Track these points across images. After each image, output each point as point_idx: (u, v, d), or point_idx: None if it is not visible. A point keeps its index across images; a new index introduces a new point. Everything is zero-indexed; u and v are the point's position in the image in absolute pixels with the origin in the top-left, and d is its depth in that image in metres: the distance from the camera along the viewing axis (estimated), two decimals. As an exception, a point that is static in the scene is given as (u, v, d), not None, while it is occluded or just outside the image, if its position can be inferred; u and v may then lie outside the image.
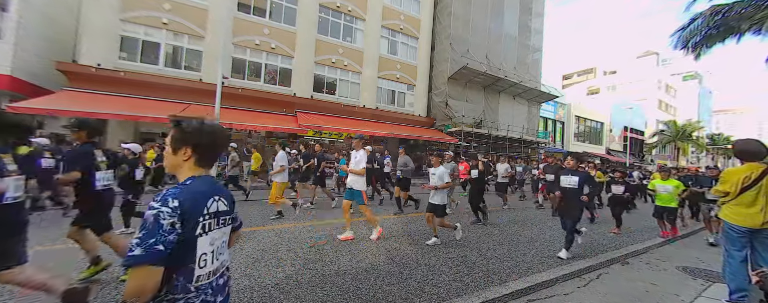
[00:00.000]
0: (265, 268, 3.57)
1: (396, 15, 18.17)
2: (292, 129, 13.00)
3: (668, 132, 36.73)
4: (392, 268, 3.79)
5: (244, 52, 13.97)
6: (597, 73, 53.76)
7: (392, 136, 15.95)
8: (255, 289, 3.05)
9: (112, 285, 3.02)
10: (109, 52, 11.22)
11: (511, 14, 21.00)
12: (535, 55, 22.84)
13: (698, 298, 3.39)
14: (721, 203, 3.27)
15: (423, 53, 19.34)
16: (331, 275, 3.47)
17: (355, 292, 3.09)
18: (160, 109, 10.80)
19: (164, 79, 11.91)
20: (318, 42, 15.58)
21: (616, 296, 3.32)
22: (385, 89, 18.20)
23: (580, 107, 30.84)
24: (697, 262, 4.63)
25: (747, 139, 3.17)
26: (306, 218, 6.31)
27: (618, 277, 3.92)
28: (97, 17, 11.00)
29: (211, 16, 12.86)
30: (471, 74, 17.87)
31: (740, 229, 2.99)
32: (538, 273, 3.81)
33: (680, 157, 39.68)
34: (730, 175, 3.09)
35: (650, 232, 6.59)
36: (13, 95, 9.79)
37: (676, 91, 49.28)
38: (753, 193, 2.93)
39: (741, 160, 3.12)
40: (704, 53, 10.56)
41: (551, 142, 26.57)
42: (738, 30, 9.57)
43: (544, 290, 3.38)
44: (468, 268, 3.92)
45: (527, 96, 21.88)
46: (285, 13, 14.84)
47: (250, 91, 13.58)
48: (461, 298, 3.02)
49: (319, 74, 15.93)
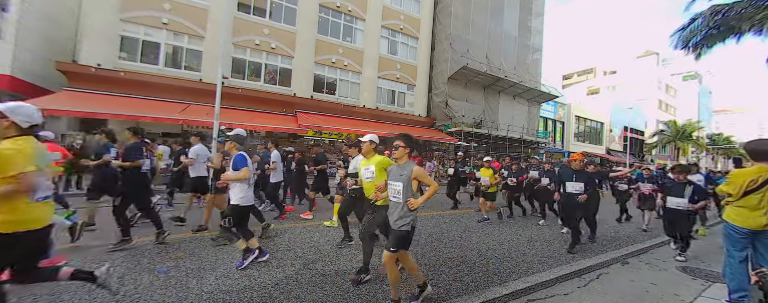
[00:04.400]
0: (265, 268, 3.57)
1: (396, 15, 18.17)
2: (292, 129, 13.00)
3: (668, 132, 36.70)
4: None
5: (244, 52, 13.97)
6: (597, 73, 53.75)
7: (392, 136, 15.91)
8: (255, 289, 3.05)
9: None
10: (109, 52, 11.22)
11: (511, 14, 21.00)
12: (535, 55, 22.84)
13: (698, 298, 3.38)
14: (724, 204, 3.26)
15: (423, 53, 19.34)
16: (331, 275, 3.47)
17: (355, 292, 3.09)
18: (160, 109, 10.81)
19: (164, 79, 11.91)
20: (318, 42, 15.58)
21: (616, 296, 3.31)
22: (385, 89, 18.20)
23: (580, 107, 30.85)
24: (697, 262, 4.63)
25: (761, 139, 3.15)
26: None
27: (618, 277, 3.92)
28: (97, 17, 11.00)
29: (211, 16, 12.86)
30: (471, 74, 17.87)
31: (743, 231, 2.98)
32: (538, 273, 3.80)
33: (680, 157, 39.65)
34: (736, 177, 3.06)
35: (650, 232, 6.60)
36: (13, 95, 9.78)
37: (676, 91, 49.29)
38: (758, 195, 2.90)
39: (753, 161, 3.08)
40: (704, 53, 10.53)
41: (551, 142, 26.57)
42: (738, 30, 9.54)
43: (544, 290, 3.37)
44: (468, 268, 3.91)
45: (527, 96, 21.87)
46: (285, 13, 14.84)
47: (250, 91, 13.58)
48: (461, 298, 3.02)
49: (319, 74, 15.93)
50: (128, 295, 2.81)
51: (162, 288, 2.97)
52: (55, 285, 2.88)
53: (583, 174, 4.93)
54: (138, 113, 10.05)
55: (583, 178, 4.84)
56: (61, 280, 2.31)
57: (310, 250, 4.29)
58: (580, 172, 4.94)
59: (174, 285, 3.05)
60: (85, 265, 3.36)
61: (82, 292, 2.82)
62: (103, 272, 2.45)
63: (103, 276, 2.44)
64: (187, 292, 2.91)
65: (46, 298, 2.66)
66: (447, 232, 5.69)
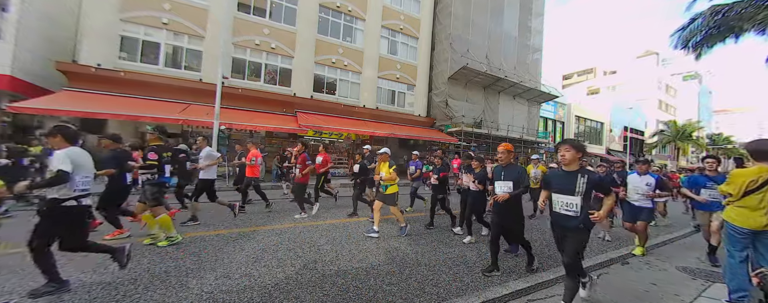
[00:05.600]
0: (265, 268, 3.57)
1: (396, 15, 18.17)
2: (292, 129, 13.00)
3: (668, 132, 36.69)
4: (392, 268, 3.79)
5: (244, 52, 13.97)
6: (597, 73, 53.73)
7: (392, 136, 15.95)
8: (255, 289, 3.05)
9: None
10: (109, 52, 11.22)
11: (511, 14, 21.00)
12: (535, 55, 22.83)
13: (698, 298, 3.38)
14: (725, 204, 3.26)
15: (423, 53, 19.34)
16: (331, 275, 3.47)
17: (355, 292, 3.09)
18: (160, 109, 10.80)
19: (164, 79, 11.91)
20: (318, 42, 15.58)
21: (616, 296, 3.31)
22: (385, 89, 18.19)
23: (580, 107, 30.84)
24: (697, 262, 4.63)
25: (762, 138, 3.15)
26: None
27: (618, 277, 3.92)
28: (97, 17, 11.00)
29: (211, 16, 12.86)
30: (471, 74, 17.86)
31: (743, 231, 2.98)
32: (538, 273, 3.81)
33: (680, 157, 39.65)
34: (737, 177, 3.06)
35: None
36: (13, 95, 9.79)
37: (676, 91, 49.27)
38: (759, 196, 2.90)
39: (754, 161, 3.07)
40: (704, 53, 10.52)
41: (551, 142, 26.56)
42: (739, 30, 9.54)
43: (544, 290, 3.38)
44: (468, 268, 3.91)
45: (527, 96, 21.87)
46: (285, 13, 14.84)
47: (250, 91, 13.58)
48: (461, 298, 3.02)
49: (319, 74, 15.93)
50: (128, 295, 2.81)
51: (162, 288, 2.98)
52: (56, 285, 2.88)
53: (513, 170, 3.90)
54: (138, 113, 10.05)
55: (513, 175, 3.86)
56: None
57: (310, 250, 4.29)
58: (509, 168, 3.92)
59: (174, 285, 3.05)
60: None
61: (82, 291, 2.82)
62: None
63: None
64: (187, 292, 2.91)
65: (46, 298, 2.66)
66: (446, 232, 5.68)
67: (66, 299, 2.68)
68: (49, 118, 9.61)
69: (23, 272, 3.13)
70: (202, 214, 5.80)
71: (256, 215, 6.44)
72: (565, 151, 2.79)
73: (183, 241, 4.39)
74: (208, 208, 6.75)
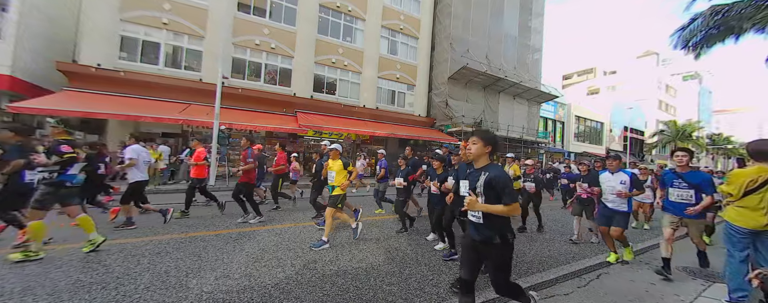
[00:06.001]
0: (265, 268, 3.58)
1: (396, 15, 18.18)
2: (292, 129, 13.00)
3: (668, 132, 36.69)
4: (392, 268, 3.79)
5: (244, 52, 13.96)
6: (597, 73, 53.72)
7: (392, 136, 15.96)
8: (255, 289, 3.05)
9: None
10: (109, 52, 11.22)
11: (511, 14, 20.99)
12: (535, 55, 22.83)
13: (698, 298, 3.38)
14: (725, 204, 3.26)
15: (423, 53, 19.34)
16: (331, 275, 3.47)
17: (355, 292, 3.09)
18: (160, 109, 10.81)
19: (164, 79, 11.91)
20: (318, 42, 15.58)
21: (616, 296, 3.31)
22: (385, 89, 18.20)
23: (580, 107, 30.84)
24: (697, 262, 4.63)
25: (762, 139, 3.16)
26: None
27: (618, 277, 3.91)
28: (97, 17, 11.00)
29: (211, 16, 12.86)
30: (471, 74, 17.86)
31: (743, 231, 2.99)
32: (538, 273, 3.81)
33: (680, 157, 39.59)
34: (736, 177, 3.06)
35: (651, 232, 6.59)
36: (13, 95, 9.79)
37: (676, 91, 49.26)
38: (759, 196, 2.90)
39: (754, 161, 3.07)
40: (704, 53, 10.52)
41: (551, 142, 26.58)
42: (739, 30, 9.54)
43: (544, 290, 3.37)
44: (468, 268, 3.91)
45: (527, 96, 21.87)
46: (285, 13, 14.84)
47: (250, 91, 13.58)
48: (461, 298, 3.01)
49: (319, 74, 15.93)
50: (128, 295, 2.81)
51: (162, 288, 2.98)
52: (55, 285, 2.88)
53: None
54: (138, 113, 10.05)
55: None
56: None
57: (310, 250, 4.29)
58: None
59: (174, 285, 3.05)
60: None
61: (82, 292, 2.82)
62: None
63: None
64: (187, 292, 2.91)
65: (46, 299, 2.66)
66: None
67: (66, 299, 2.68)
68: (49, 118, 9.60)
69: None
70: (203, 215, 5.80)
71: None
72: (472, 144, 2.32)
73: (183, 241, 4.39)
74: (208, 208, 6.76)
